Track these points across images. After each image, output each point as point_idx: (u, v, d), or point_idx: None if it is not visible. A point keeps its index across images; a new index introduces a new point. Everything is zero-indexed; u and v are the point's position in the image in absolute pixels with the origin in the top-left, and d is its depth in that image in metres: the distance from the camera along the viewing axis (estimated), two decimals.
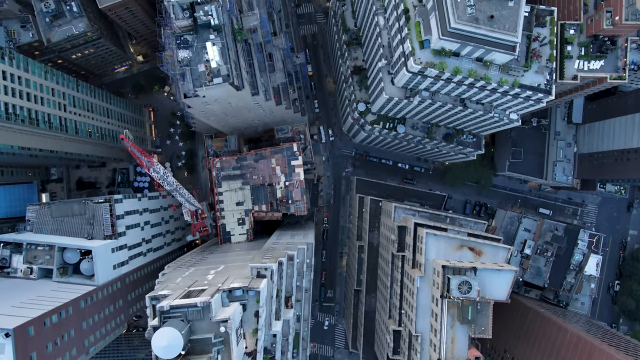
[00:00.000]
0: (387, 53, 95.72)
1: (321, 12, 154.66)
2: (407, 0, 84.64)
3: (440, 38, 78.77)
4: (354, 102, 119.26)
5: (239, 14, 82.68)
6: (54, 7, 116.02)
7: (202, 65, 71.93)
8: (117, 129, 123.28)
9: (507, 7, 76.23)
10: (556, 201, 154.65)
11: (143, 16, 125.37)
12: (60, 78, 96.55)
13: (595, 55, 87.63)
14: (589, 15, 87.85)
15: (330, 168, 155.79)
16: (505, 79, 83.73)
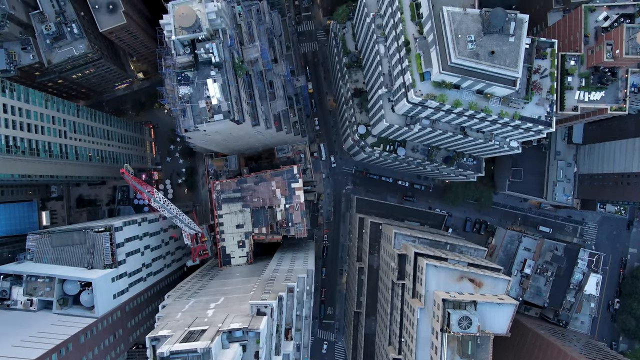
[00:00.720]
0: (388, 81, 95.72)
1: (322, 29, 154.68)
2: (408, 32, 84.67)
3: (440, 72, 78.77)
4: (354, 124, 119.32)
5: (240, 46, 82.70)
6: (54, 29, 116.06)
7: (202, 101, 71.96)
8: (117, 150, 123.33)
9: (507, 42, 76.28)
10: (556, 219, 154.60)
11: (143, 37, 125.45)
12: (61, 105, 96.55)
13: (596, 87, 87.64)
14: (589, 47, 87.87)
15: (330, 185, 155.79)
16: (506, 111, 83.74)
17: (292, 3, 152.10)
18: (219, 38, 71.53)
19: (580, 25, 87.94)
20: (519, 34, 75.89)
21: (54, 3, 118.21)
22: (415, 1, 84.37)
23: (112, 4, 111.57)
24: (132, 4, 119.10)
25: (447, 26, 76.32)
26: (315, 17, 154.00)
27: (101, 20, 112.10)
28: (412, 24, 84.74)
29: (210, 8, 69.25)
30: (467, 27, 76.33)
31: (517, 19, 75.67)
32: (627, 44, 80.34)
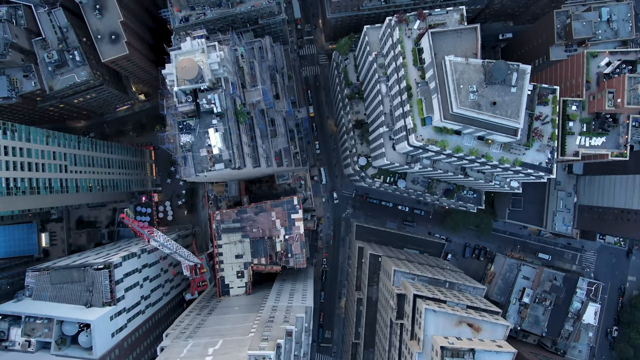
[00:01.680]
0: (389, 120, 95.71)
1: (324, 53, 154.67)
2: (410, 77, 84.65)
3: (442, 120, 78.74)
4: (354, 155, 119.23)
5: (242, 89, 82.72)
6: (57, 57, 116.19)
7: (204, 150, 71.99)
8: (118, 177, 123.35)
9: (509, 93, 76.26)
10: (555, 246, 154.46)
11: (145, 64, 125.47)
12: (62, 139, 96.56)
13: (597, 132, 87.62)
14: (591, 92, 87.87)
15: (330, 209, 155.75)
16: (507, 157, 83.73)
17: (295, 27, 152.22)
18: (221, 87, 71.54)
19: (582, 70, 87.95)
20: (521, 84, 75.87)
21: (57, 30, 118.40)
22: (417, 46, 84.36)
23: (114, 34, 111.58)
24: (134, 33, 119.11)
25: (449, 76, 76.29)
26: (318, 41, 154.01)
27: (103, 50, 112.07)
28: (414, 69, 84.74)
29: (213, 59, 69.22)
30: (469, 77, 76.31)
31: (520, 70, 75.66)
32: (629, 94, 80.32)
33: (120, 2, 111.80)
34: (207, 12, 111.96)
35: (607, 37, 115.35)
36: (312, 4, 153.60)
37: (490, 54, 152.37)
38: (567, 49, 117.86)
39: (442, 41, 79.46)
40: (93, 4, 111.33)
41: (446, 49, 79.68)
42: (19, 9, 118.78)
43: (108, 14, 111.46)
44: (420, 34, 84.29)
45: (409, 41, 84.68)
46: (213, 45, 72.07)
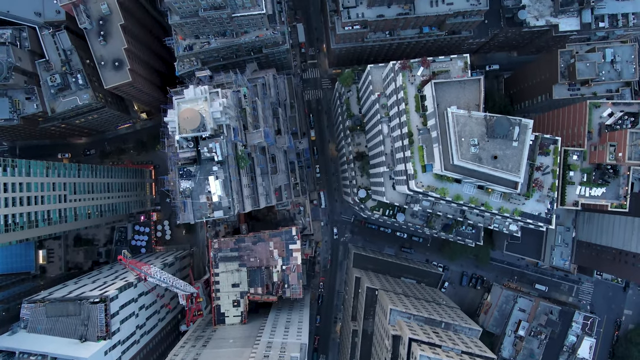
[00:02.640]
0: (390, 161, 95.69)
1: (327, 77, 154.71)
2: (412, 123, 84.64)
3: (443, 171, 78.73)
4: (354, 187, 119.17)
5: (244, 131, 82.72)
6: (59, 81, 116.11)
7: (203, 196, 71.97)
8: (117, 201, 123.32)
9: (511, 147, 76.24)
10: (553, 277, 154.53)
11: (148, 89, 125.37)
12: (62, 169, 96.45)
13: (598, 183, 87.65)
14: (592, 143, 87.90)
15: (328, 233, 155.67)
16: (506, 207, 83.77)
17: (299, 51, 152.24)
18: (222, 134, 71.53)
19: (585, 120, 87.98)
20: (523, 139, 75.85)
21: (60, 52, 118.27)
22: (420, 93, 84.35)
23: (118, 61, 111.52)
24: (138, 58, 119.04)
25: (451, 127, 76.30)
26: (321, 66, 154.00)
27: (106, 77, 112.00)
28: (416, 115, 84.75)
29: (216, 107, 69.23)
30: (471, 130, 76.31)
31: (522, 125, 75.66)
32: (630, 149, 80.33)
33: (125, 29, 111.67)
34: (212, 41, 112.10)
35: (610, 78, 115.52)
36: (316, 28, 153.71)
37: (494, 83, 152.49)
38: (570, 87, 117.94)
39: (445, 91, 79.45)
40: (97, 30, 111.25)
41: (449, 99, 79.68)
42: (24, 30, 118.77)
43: (112, 41, 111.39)
44: (423, 80, 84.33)
45: (412, 87, 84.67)
46: (216, 92, 72.02)
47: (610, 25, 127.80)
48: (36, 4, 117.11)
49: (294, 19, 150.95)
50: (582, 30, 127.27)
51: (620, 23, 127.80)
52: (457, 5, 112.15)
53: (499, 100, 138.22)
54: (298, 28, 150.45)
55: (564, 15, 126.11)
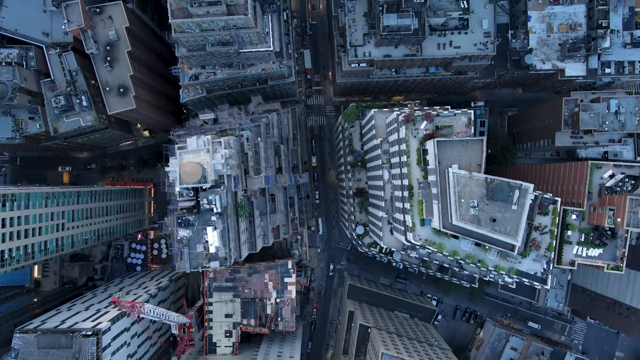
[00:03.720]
0: (389, 207, 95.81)
1: (331, 105, 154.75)
2: (412, 176, 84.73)
3: (441, 229, 78.85)
4: (353, 223, 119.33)
5: (245, 176, 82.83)
6: (64, 102, 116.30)
7: (200, 245, 72.10)
8: (115, 223, 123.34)
9: (510, 210, 76.33)
10: (546, 315, 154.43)
11: (152, 112, 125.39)
12: (61, 198, 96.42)
13: (595, 244, 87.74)
14: (592, 203, 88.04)
15: (324, 259, 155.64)
16: (502, 265, 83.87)
17: (304, 77, 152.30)
18: (223, 184, 71.64)
19: (585, 180, 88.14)
20: (522, 202, 75.93)
21: (66, 73, 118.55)
22: (422, 146, 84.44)
23: (123, 87, 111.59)
24: (143, 83, 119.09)
25: (451, 187, 76.45)
26: (326, 93, 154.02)
27: (110, 103, 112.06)
28: (417, 168, 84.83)
29: (218, 160, 69.36)
30: (471, 191, 76.44)
31: (522, 189, 75.74)
32: (629, 215, 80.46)
33: (132, 55, 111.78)
34: (218, 72, 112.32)
35: (613, 129, 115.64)
36: (323, 55, 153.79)
37: (497, 119, 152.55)
38: (573, 135, 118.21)
39: (447, 149, 79.56)
40: (104, 56, 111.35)
41: (451, 157, 79.78)
42: (31, 50, 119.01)
43: (118, 67, 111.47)
44: (426, 134, 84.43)
45: (414, 140, 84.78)
46: (219, 142, 72.16)
47: (617, 71, 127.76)
48: (44, 25, 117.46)
49: (301, 45, 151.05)
50: (588, 76, 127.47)
51: (627, 70, 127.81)
52: (465, 49, 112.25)
53: (502, 139, 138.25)
54: (305, 54, 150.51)
55: (571, 60, 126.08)
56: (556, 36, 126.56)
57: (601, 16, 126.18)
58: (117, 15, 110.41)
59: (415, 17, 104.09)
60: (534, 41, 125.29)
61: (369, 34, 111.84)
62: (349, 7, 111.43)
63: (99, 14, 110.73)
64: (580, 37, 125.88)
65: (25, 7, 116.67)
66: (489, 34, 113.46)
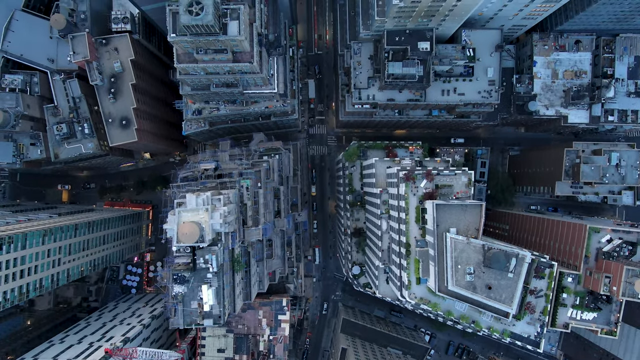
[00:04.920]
0: (386, 257, 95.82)
1: (333, 135, 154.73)
2: (410, 234, 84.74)
3: (437, 292, 78.86)
4: (349, 262, 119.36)
5: (243, 227, 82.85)
6: (66, 130, 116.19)
7: (195, 302, 72.07)
8: (112, 251, 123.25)
9: (506, 277, 76.26)
10: (538, 355, 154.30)
11: (153, 141, 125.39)
12: (59, 233, 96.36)
13: (590, 308, 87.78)
14: (588, 267, 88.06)
15: (320, 289, 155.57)
16: (496, 327, 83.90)
17: (307, 107, 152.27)
18: (221, 241, 71.68)
19: (583, 243, 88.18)
20: (519, 271, 75.90)
21: (70, 99, 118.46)
22: (422, 205, 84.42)
23: (125, 120, 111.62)
24: (146, 113, 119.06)
25: (448, 252, 76.45)
26: (329, 123, 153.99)
27: (113, 135, 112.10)
28: (415, 226, 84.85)
29: (216, 219, 69.39)
30: (468, 257, 76.44)
31: (519, 257, 75.74)
32: (624, 285, 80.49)
33: (136, 87, 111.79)
34: (221, 108, 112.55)
35: (614, 181, 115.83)
36: (327, 85, 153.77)
37: (498, 157, 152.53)
38: (574, 185, 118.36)
39: (446, 212, 79.54)
40: (108, 87, 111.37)
41: (450, 220, 79.77)
42: (35, 76, 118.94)
43: (122, 99, 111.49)
44: (426, 193, 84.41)
45: (414, 198, 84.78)
46: (218, 198, 72.17)
47: (620, 120, 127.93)
48: (50, 51, 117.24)
49: (306, 75, 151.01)
50: (591, 123, 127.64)
51: (630, 119, 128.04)
52: (469, 96, 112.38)
53: (502, 180, 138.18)
54: (309, 84, 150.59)
55: (574, 107, 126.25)
56: (561, 82, 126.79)
57: (607, 64, 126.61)
58: (123, 47, 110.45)
59: (420, 64, 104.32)
60: (538, 86, 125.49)
61: (373, 77, 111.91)
62: (355, 49, 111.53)
63: (105, 45, 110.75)
64: (585, 84, 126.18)
65: (31, 33, 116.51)
66: (493, 82, 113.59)
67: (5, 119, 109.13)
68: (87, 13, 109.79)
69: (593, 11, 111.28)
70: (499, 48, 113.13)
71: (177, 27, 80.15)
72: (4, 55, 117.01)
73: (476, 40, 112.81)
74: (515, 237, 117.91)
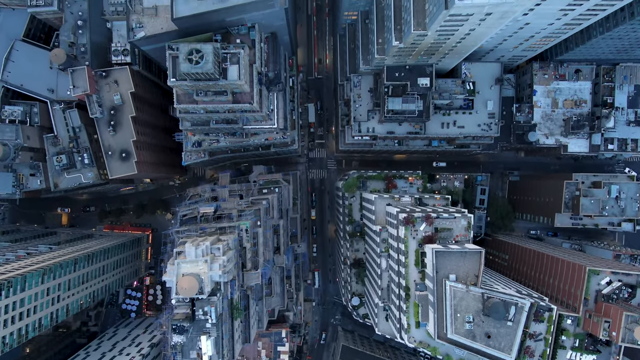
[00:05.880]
0: (385, 296, 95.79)
1: (333, 159, 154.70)
2: (410, 277, 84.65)
3: (436, 340, 78.82)
4: (349, 293, 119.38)
5: (242, 270, 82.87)
6: (66, 161, 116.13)
7: (194, 352, 71.93)
8: (111, 280, 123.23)
9: (505, 326, 76.14)
10: None
11: (153, 171, 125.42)
12: (59, 270, 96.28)
13: (589, 350, 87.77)
14: (588, 309, 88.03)
15: (319, 312, 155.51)
16: None
17: (307, 131, 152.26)
18: (220, 291, 71.69)
19: (582, 286, 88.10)
20: (518, 319, 75.78)
21: (69, 129, 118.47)
22: (421, 249, 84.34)
23: (125, 152, 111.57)
24: (146, 144, 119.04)
25: (447, 300, 76.41)
26: (328, 147, 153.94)
27: (112, 167, 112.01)
28: (415, 269, 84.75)
29: (215, 270, 69.39)
30: (467, 305, 76.40)
31: (518, 306, 75.66)
32: (624, 331, 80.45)
33: (136, 120, 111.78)
34: (221, 140, 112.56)
35: (613, 214, 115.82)
36: (327, 109, 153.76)
37: (498, 182, 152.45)
38: (573, 217, 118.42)
39: (445, 259, 79.43)
40: (108, 120, 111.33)
41: (449, 266, 79.65)
42: (35, 106, 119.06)
43: (122, 131, 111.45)
44: (425, 236, 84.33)
45: (413, 242, 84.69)
46: (217, 247, 72.19)
47: (619, 148, 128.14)
48: (50, 81, 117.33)
49: (306, 99, 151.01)
50: (591, 152, 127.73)
51: (630, 147, 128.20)
52: (468, 129, 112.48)
53: (502, 206, 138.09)
54: (309, 108, 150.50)
55: (574, 136, 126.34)
56: (561, 111, 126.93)
57: (607, 92, 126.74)
58: (123, 79, 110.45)
59: (420, 99, 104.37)
60: (538, 115, 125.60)
61: (373, 110, 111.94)
62: (355, 82, 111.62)
63: (104, 77, 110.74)
64: (585, 113, 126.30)
65: (31, 63, 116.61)
66: (493, 115, 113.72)
67: (5, 152, 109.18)
68: (87, 46, 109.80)
69: (593, 44, 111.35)
70: (499, 81, 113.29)
71: (177, 73, 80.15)
72: (4, 85, 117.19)
73: (476, 73, 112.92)
74: (514, 268, 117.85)
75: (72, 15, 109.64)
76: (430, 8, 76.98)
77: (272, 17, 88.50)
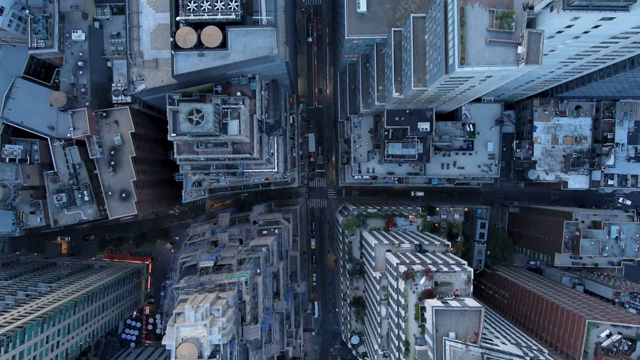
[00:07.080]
0: (384, 344, 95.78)
1: (333, 188, 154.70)
2: (410, 332, 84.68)
3: None
4: (348, 331, 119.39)
5: (241, 324, 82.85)
6: (66, 200, 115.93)
7: None
8: (110, 316, 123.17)
9: None
10: None
11: (153, 208, 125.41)
12: (58, 316, 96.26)
13: None
14: None
15: (318, 342, 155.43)
16: None
17: (307, 160, 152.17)
18: (219, 352, 71.71)
19: (582, 337, 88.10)
20: None
21: (69, 166, 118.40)
22: (421, 303, 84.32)
23: (125, 192, 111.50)
24: (145, 182, 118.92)
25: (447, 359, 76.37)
26: (328, 176, 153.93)
27: (112, 208, 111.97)
28: (414, 323, 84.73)
29: (215, 334, 69.39)
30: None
31: None
32: None
33: (136, 159, 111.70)
34: (221, 179, 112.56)
35: (613, 254, 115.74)
36: (327, 139, 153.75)
37: (498, 213, 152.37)
38: (573, 257, 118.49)
39: (445, 316, 79.42)
40: (108, 160, 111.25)
41: (449, 324, 79.63)
42: (35, 144, 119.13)
43: (122, 172, 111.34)
44: (425, 290, 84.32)
45: (413, 296, 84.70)
46: (217, 309, 72.21)
47: (619, 184, 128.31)
48: (50, 119, 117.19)
49: (306, 129, 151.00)
50: (591, 188, 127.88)
51: (629, 183, 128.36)
52: (468, 170, 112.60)
53: (502, 239, 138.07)
54: (309, 138, 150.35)
55: (574, 173, 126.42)
56: (561, 147, 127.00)
57: (607, 128, 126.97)
58: (123, 119, 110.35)
59: (420, 142, 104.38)
60: (538, 151, 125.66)
61: (373, 151, 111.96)
62: (355, 122, 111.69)
63: (105, 117, 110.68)
64: (585, 149, 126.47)
65: (32, 101, 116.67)
66: (493, 156, 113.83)
67: (5, 194, 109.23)
68: (87, 86, 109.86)
69: (593, 86, 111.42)
70: (499, 122, 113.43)
71: (177, 129, 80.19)
72: (4, 122, 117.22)
73: (476, 113, 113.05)
74: (514, 307, 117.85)
75: (73, 56, 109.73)
76: (430, 67, 77.04)
77: (272, 68, 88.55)
